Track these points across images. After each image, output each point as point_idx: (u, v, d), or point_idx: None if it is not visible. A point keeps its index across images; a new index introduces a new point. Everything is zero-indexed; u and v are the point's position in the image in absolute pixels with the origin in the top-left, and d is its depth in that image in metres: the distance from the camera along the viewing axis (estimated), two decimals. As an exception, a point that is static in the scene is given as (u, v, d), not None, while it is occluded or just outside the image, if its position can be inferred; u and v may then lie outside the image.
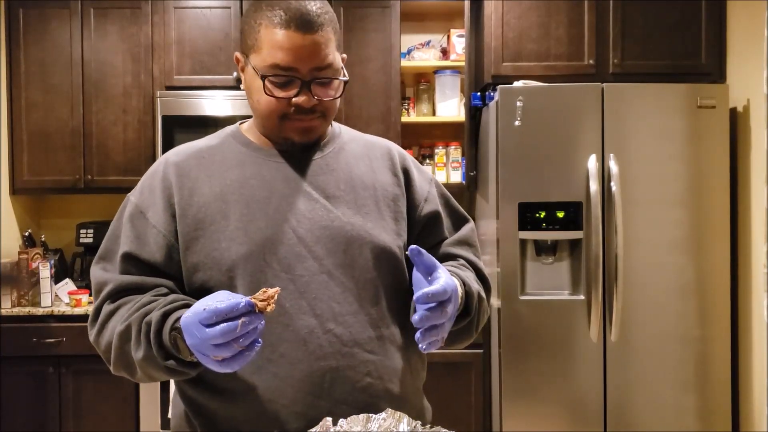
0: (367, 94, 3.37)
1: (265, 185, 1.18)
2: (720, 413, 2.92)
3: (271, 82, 1.13)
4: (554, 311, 2.91)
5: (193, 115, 3.27)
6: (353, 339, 1.15)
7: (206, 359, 0.99)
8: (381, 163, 1.28)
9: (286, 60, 1.11)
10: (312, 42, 1.11)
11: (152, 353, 1.05)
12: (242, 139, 1.25)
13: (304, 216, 1.17)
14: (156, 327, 1.05)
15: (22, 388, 3.09)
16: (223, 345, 0.95)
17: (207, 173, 1.20)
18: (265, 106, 1.15)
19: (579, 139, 2.91)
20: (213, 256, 1.14)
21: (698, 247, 2.91)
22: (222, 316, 0.95)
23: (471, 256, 1.32)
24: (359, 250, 1.18)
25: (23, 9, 3.35)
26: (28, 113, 3.37)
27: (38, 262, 3.19)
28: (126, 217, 1.20)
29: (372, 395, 1.15)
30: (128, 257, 1.16)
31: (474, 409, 3.13)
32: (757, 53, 2.87)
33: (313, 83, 1.14)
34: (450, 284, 1.06)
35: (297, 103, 1.14)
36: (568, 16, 3.19)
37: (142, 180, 1.24)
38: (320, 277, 1.15)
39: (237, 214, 1.15)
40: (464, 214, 1.38)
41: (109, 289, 1.15)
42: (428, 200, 1.30)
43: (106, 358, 1.16)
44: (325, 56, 1.13)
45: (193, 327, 0.98)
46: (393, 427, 1.07)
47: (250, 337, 0.96)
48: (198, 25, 3.37)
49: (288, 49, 1.10)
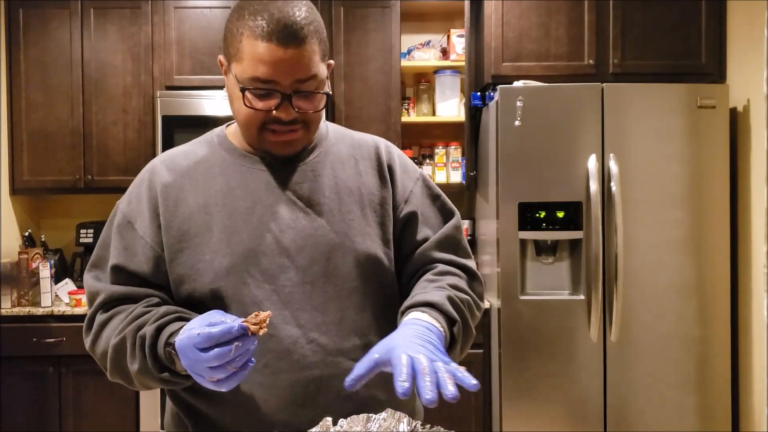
0: (367, 94, 3.36)
1: (248, 195, 1.17)
2: (720, 413, 2.92)
3: (251, 94, 1.11)
4: (554, 311, 2.91)
5: (193, 115, 3.27)
6: (337, 348, 1.15)
7: (201, 379, 1.00)
8: (368, 164, 1.26)
9: (266, 73, 1.08)
10: (294, 55, 1.08)
11: (147, 366, 1.06)
12: (227, 145, 1.23)
13: (288, 225, 1.16)
14: (150, 341, 1.06)
15: (22, 388, 3.09)
16: (218, 367, 0.97)
17: (192, 183, 1.19)
18: (244, 117, 1.14)
19: (579, 139, 2.91)
20: (197, 268, 1.14)
21: (698, 247, 2.91)
22: (215, 341, 0.96)
23: (453, 258, 1.26)
24: (343, 258, 1.17)
25: (23, 9, 3.35)
26: (28, 113, 3.37)
27: (38, 262, 3.19)
28: (115, 226, 1.20)
29: (357, 403, 1.15)
30: (117, 269, 1.16)
31: (474, 409, 3.13)
32: (757, 53, 2.87)
33: (294, 96, 1.11)
34: (407, 350, 0.96)
35: (276, 117, 1.12)
36: (568, 16, 3.19)
37: (131, 188, 1.23)
38: (303, 288, 1.15)
39: (220, 226, 1.15)
40: (451, 208, 1.31)
41: (101, 299, 1.16)
42: (408, 201, 1.26)
43: (102, 365, 1.17)
44: (307, 70, 1.10)
45: (187, 350, 0.99)
46: (393, 427, 1.07)
47: (243, 359, 0.99)
48: (198, 25, 3.37)
49: (268, 63, 1.07)
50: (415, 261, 1.26)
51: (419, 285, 1.21)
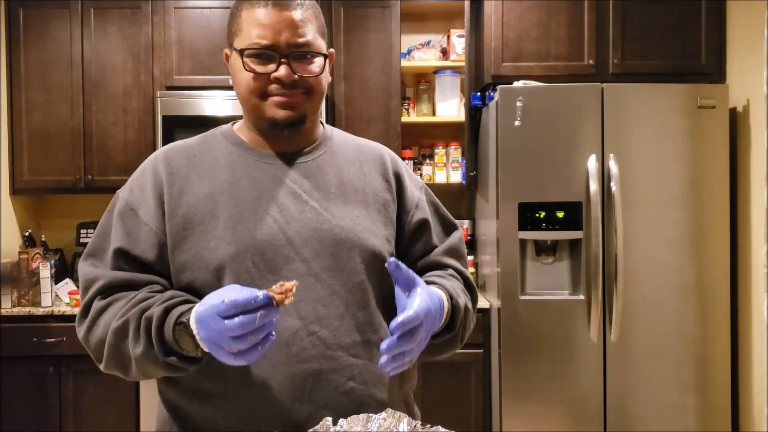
0: (367, 94, 3.36)
1: (254, 186, 1.18)
2: (720, 413, 2.92)
3: (250, 58, 1.15)
4: (554, 311, 2.91)
5: (193, 115, 3.27)
6: (337, 342, 1.14)
7: (220, 352, 0.98)
8: (372, 167, 1.28)
9: (263, 34, 1.13)
10: (289, 18, 1.14)
11: (152, 349, 1.05)
12: (234, 138, 1.24)
13: (294, 218, 1.16)
14: (158, 322, 1.04)
15: (22, 388, 3.09)
16: (240, 337, 0.96)
17: (197, 173, 1.19)
18: (246, 84, 1.17)
19: (579, 139, 2.91)
20: (201, 255, 1.13)
21: (698, 247, 2.91)
22: (240, 309, 0.95)
23: (459, 266, 1.32)
24: (348, 253, 1.17)
25: (23, 9, 3.35)
26: (28, 113, 3.37)
27: (38, 262, 3.19)
28: (116, 214, 1.19)
29: (355, 400, 1.14)
30: (120, 253, 1.15)
31: (474, 409, 3.13)
32: (757, 53, 2.87)
33: (292, 58, 1.14)
34: (423, 307, 1.05)
35: (277, 77, 1.14)
36: (568, 16, 3.19)
37: (132, 178, 1.23)
38: (306, 280, 1.14)
39: (226, 214, 1.15)
40: (453, 221, 1.37)
41: (99, 285, 1.14)
42: (419, 207, 1.29)
43: (96, 355, 1.14)
44: (303, 32, 1.14)
45: (209, 319, 0.97)
46: (393, 427, 1.07)
47: (266, 330, 0.97)
48: (198, 25, 3.37)
49: (265, 25, 1.13)
50: (422, 265, 1.30)
51: (436, 273, 1.28)
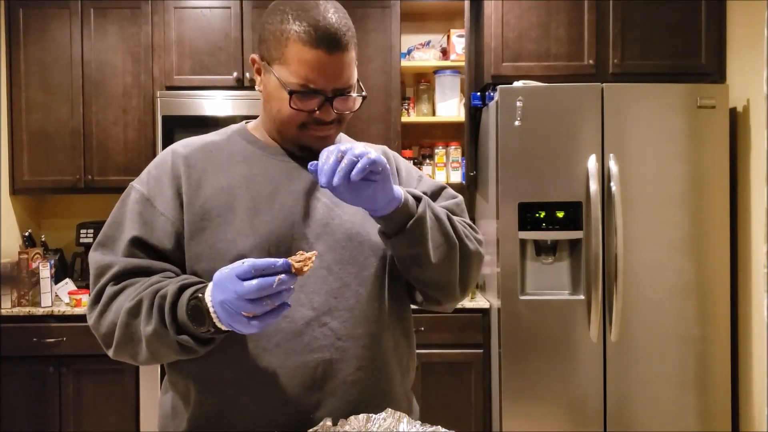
0: (367, 94, 3.36)
1: (270, 182, 1.21)
2: (720, 413, 2.92)
3: (296, 96, 1.16)
4: (554, 311, 2.91)
5: (193, 115, 3.27)
6: (348, 333, 1.17)
7: (234, 316, 0.99)
8: None
9: (314, 79, 1.14)
10: (339, 61, 1.15)
11: (164, 327, 1.06)
12: (248, 137, 1.27)
13: (307, 213, 1.20)
14: (171, 299, 1.06)
15: (22, 388, 3.09)
16: (256, 301, 0.97)
17: (214, 166, 1.22)
18: (288, 116, 1.18)
19: (579, 139, 2.91)
20: (218, 247, 1.15)
21: (698, 247, 2.91)
22: (259, 272, 0.97)
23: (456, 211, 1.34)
24: (359, 247, 1.21)
25: (23, 9, 3.36)
26: (28, 113, 3.37)
27: (38, 262, 3.19)
28: (131, 204, 1.20)
29: (362, 391, 1.17)
30: (136, 241, 1.16)
31: (474, 409, 3.13)
32: (757, 53, 2.88)
33: (334, 98, 1.17)
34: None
35: (318, 117, 1.18)
36: (568, 16, 3.19)
37: (148, 170, 1.25)
38: (320, 272, 1.17)
39: (243, 208, 1.18)
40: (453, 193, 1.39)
41: (114, 271, 1.15)
42: (417, 188, 1.32)
43: (106, 341, 1.15)
44: (349, 76, 1.17)
45: (227, 281, 0.99)
46: (393, 427, 1.07)
47: (282, 297, 0.99)
48: (198, 25, 3.37)
49: (317, 69, 1.13)
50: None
51: None
